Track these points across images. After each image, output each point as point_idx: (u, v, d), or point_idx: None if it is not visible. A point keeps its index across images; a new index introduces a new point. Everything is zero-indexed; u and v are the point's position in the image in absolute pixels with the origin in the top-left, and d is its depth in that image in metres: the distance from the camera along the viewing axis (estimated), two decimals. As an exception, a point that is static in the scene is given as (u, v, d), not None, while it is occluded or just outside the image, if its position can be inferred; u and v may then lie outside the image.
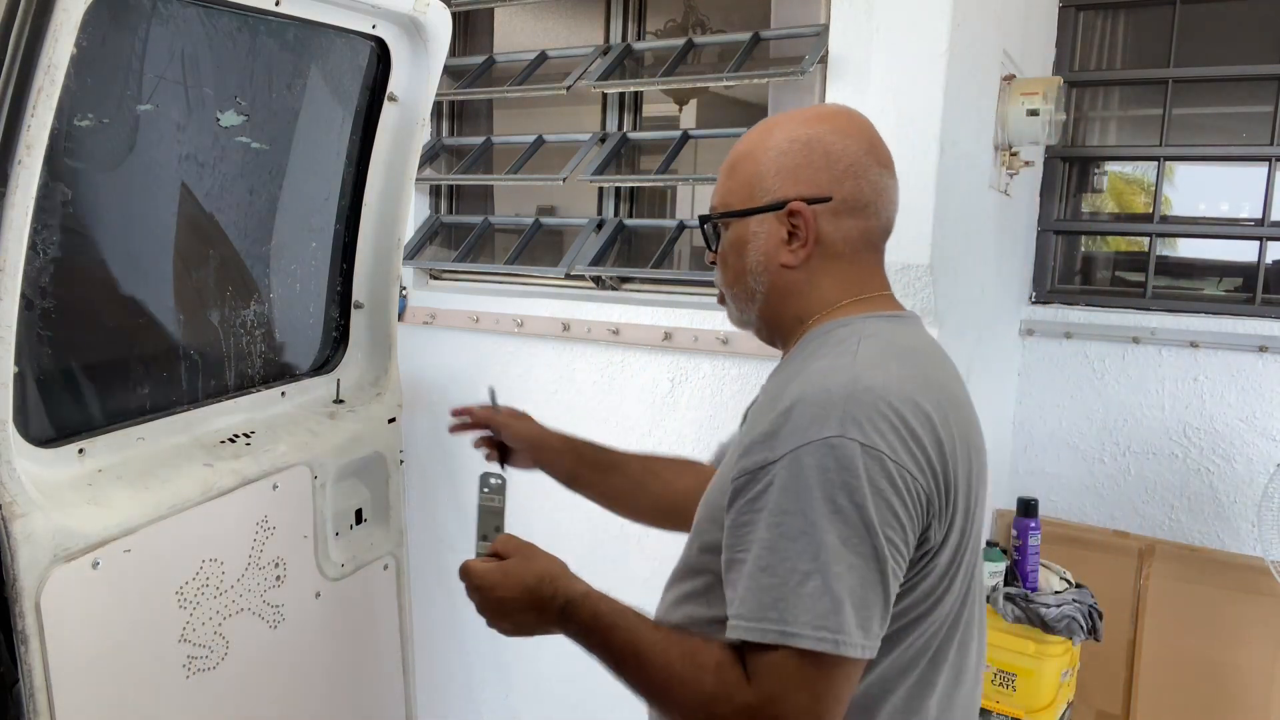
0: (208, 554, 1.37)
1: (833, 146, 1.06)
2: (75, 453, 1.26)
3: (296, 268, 1.64)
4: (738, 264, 1.11)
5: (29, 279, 1.15)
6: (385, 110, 1.67)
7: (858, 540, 0.90)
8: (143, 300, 1.38)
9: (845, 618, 0.89)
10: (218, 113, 1.38)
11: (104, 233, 1.30)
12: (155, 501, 1.28)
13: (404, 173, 1.71)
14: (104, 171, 1.26)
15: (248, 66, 1.41)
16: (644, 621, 1.05)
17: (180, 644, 1.33)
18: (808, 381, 0.97)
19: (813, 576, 0.89)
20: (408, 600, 1.84)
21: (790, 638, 0.89)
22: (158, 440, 1.39)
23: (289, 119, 1.54)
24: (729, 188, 1.12)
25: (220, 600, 1.39)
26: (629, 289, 2.72)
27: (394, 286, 1.76)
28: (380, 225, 1.73)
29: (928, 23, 1.99)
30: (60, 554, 1.14)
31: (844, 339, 1.03)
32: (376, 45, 1.60)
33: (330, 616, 1.63)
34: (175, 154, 1.36)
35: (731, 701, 0.92)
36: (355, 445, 1.68)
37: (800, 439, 0.92)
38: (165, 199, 1.37)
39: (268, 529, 1.48)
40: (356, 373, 1.77)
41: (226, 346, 1.52)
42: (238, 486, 1.41)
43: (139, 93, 1.24)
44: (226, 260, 1.51)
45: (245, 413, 1.56)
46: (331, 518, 1.63)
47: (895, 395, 0.95)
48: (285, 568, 1.52)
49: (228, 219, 1.49)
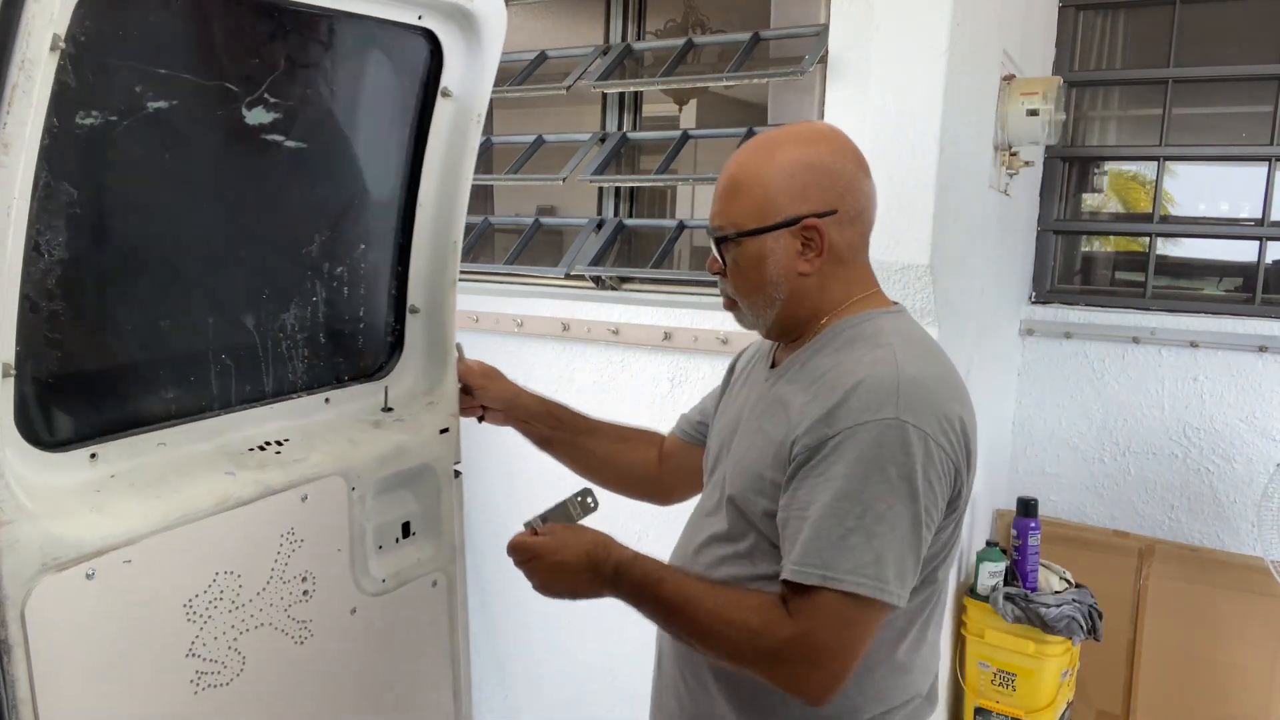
0: (223, 566, 1.31)
1: (832, 166, 1.21)
2: (86, 458, 1.21)
3: (344, 270, 1.56)
4: (757, 277, 1.23)
5: (33, 281, 1.11)
6: (439, 106, 1.58)
7: (901, 507, 1.08)
8: (163, 303, 1.33)
9: (884, 568, 1.07)
10: (244, 109, 1.32)
11: (120, 234, 1.25)
12: (164, 511, 1.23)
13: (460, 171, 1.62)
14: (117, 170, 1.22)
15: (278, 61, 1.35)
16: (689, 576, 1.22)
17: (188, 658, 1.28)
18: (859, 371, 1.13)
19: (857, 533, 1.07)
20: (462, 620, 1.73)
21: (831, 581, 1.06)
22: (181, 446, 1.33)
23: (329, 116, 1.47)
24: (739, 208, 1.22)
25: (236, 614, 1.33)
26: (629, 289, 2.72)
27: (451, 290, 1.66)
28: (436, 226, 1.63)
29: (928, 23, 1.99)
30: (50, 563, 1.10)
31: (870, 334, 1.20)
32: (426, 38, 1.52)
33: (368, 633, 1.55)
34: (196, 152, 1.31)
35: (776, 635, 1.09)
36: (400, 456, 1.58)
37: (859, 418, 1.09)
38: (186, 200, 1.32)
39: (294, 541, 1.41)
40: (410, 380, 1.68)
41: (263, 351, 1.45)
42: (259, 497, 1.34)
43: (151, 89, 1.20)
44: (259, 263, 1.45)
45: (283, 420, 1.48)
46: (372, 531, 1.55)
47: (934, 386, 1.14)
48: (314, 582, 1.44)
49: (258, 220, 1.43)
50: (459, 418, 1.65)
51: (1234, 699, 2.61)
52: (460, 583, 1.71)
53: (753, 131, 2.57)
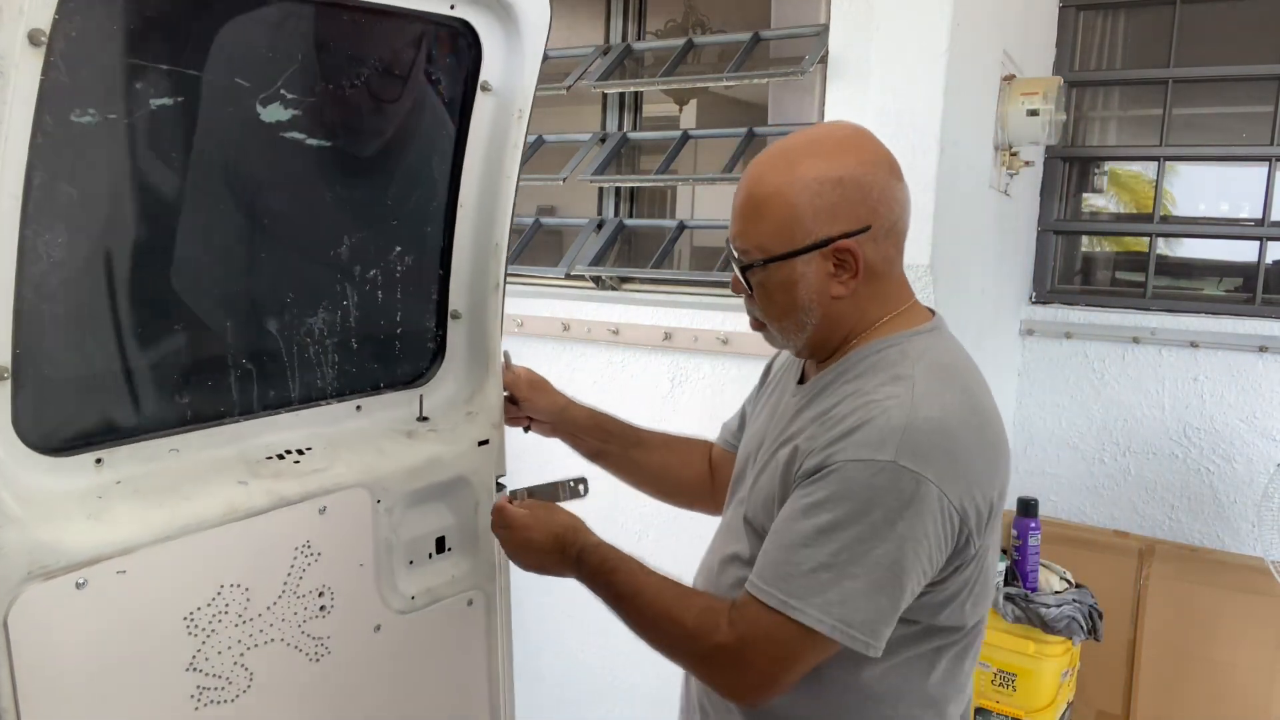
0: (229, 579, 1.26)
1: (863, 179, 1.12)
2: (92, 463, 1.17)
3: (377, 274, 1.49)
4: (787, 301, 1.16)
5: (35, 282, 1.08)
6: (479, 101, 1.49)
7: (881, 552, 1.03)
8: (176, 306, 1.28)
9: (851, 611, 1.04)
10: (258, 106, 1.27)
11: (128, 234, 1.21)
12: (166, 520, 1.19)
13: (502, 170, 1.53)
14: (129, 167, 1.18)
15: (297, 55, 1.29)
16: (645, 569, 1.21)
17: (189, 673, 1.23)
18: (872, 405, 1.08)
19: (830, 569, 1.04)
20: (501, 641, 1.63)
21: (792, 610, 1.04)
22: (195, 453, 1.27)
23: (357, 113, 1.41)
24: (764, 230, 1.14)
25: (243, 629, 1.28)
26: (629, 289, 2.72)
27: (493, 295, 1.58)
28: (478, 227, 1.55)
29: (928, 23, 1.99)
30: (37, 571, 1.06)
31: (895, 361, 1.14)
32: (464, 30, 1.45)
33: (394, 652, 1.48)
34: (214, 149, 1.26)
35: (709, 639, 1.10)
36: (433, 468, 1.49)
37: (856, 454, 1.05)
38: (198, 200, 1.27)
39: (310, 555, 1.35)
40: (451, 389, 1.58)
41: (288, 356, 1.39)
42: (271, 508, 1.29)
43: (153, 86, 1.17)
44: (281, 265, 1.39)
45: (309, 427, 1.41)
46: (402, 545, 1.48)
47: (952, 426, 1.08)
48: (333, 597, 1.38)
49: (279, 221, 1.37)
50: (502, 429, 1.58)
51: (1234, 699, 2.61)
52: (500, 602, 1.61)
53: (753, 132, 2.57)
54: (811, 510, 1.07)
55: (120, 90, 1.15)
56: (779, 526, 1.10)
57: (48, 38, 1.00)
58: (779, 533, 1.10)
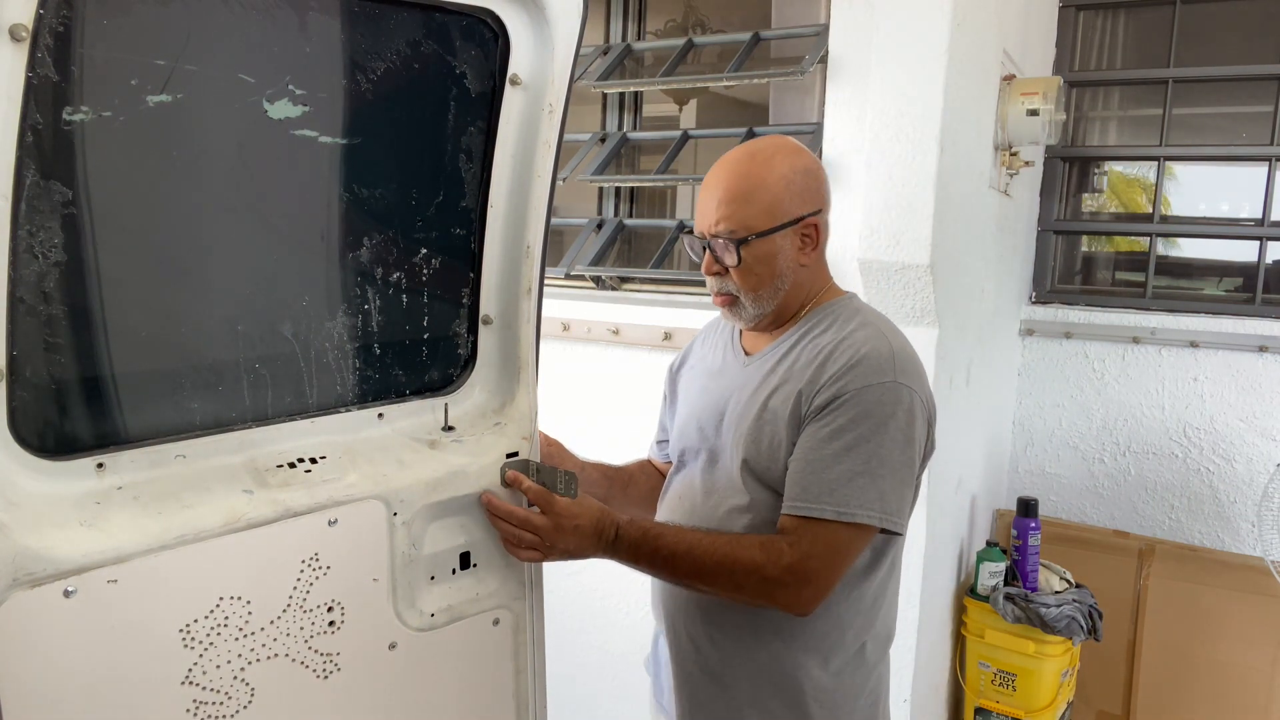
0: (229, 591, 1.22)
1: (818, 171, 1.45)
2: (93, 467, 1.14)
3: (401, 277, 1.42)
4: (767, 271, 1.41)
5: (37, 283, 1.07)
6: (508, 96, 1.43)
7: (899, 453, 1.31)
8: (184, 309, 1.25)
9: (888, 503, 1.29)
10: (265, 103, 1.22)
11: (132, 236, 1.18)
12: (163, 529, 1.15)
13: (532, 168, 1.46)
14: (134, 166, 1.15)
15: (307, 50, 1.25)
16: (682, 529, 1.38)
17: (184, 686, 1.19)
18: (859, 344, 1.35)
19: (863, 475, 1.29)
20: (530, 663, 1.55)
21: (844, 515, 1.27)
22: (202, 460, 1.23)
23: (375, 110, 1.35)
24: (750, 214, 1.39)
25: (243, 643, 1.24)
26: (629, 289, 2.72)
27: (525, 300, 1.50)
28: (508, 228, 1.48)
29: (928, 23, 1.99)
30: (23, 578, 1.03)
31: (850, 316, 1.42)
32: (490, 20, 1.39)
33: (411, 671, 1.41)
34: (222, 146, 1.22)
35: (778, 563, 1.28)
36: (456, 480, 1.42)
37: (866, 381, 1.31)
38: (203, 201, 1.23)
39: (318, 568, 1.30)
40: (480, 398, 1.52)
41: (304, 361, 1.34)
42: (276, 519, 1.24)
43: (154, 82, 1.13)
44: (293, 268, 1.35)
45: (325, 435, 1.36)
46: (423, 560, 1.42)
47: (912, 354, 1.38)
48: (343, 612, 1.33)
49: (291, 223, 1.33)
50: (533, 441, 1.51)
51: (1234, 699, 2.61)
52: (531, 622, 1.54)
53: (753, 131, 2.57)
54: (837, 433, 1.30)
55: (117, 87, 1.12)
56: (806, 455, 1.31)
57: (30, 33, 0.97)
58: (808, 460, 1.31)
